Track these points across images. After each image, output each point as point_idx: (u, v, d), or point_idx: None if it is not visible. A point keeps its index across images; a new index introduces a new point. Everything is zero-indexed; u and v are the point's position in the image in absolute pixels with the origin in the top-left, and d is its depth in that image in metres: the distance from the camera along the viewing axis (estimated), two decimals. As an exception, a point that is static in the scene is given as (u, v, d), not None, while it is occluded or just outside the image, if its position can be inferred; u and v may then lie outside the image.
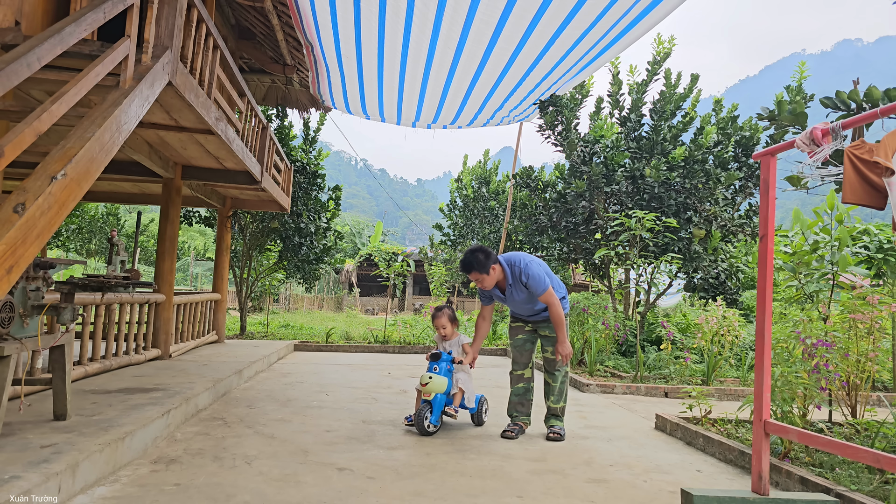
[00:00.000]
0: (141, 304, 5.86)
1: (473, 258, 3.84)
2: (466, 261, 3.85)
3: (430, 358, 4.17)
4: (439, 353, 4.14)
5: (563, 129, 8.59)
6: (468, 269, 3.85)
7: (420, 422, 3.91)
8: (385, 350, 9.65)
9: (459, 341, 4.37)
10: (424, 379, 3.97)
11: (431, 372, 4.02)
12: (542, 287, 3.89)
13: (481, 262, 3.83)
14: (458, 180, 18.02)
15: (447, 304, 4.46)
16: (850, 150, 2.47)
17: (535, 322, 4.19)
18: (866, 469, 3.14)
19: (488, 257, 3.85)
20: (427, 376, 3.97)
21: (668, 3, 5.35)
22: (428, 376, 3.96)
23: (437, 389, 3.94)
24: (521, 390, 4.21)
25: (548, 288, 3.91)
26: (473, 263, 3.83)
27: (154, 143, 5.66)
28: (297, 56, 7.92)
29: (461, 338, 4.39)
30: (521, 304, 4.07)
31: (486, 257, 3.84)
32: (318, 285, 28.60)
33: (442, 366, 4.08)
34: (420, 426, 3.92)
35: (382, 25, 6.01)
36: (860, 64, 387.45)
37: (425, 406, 3.98)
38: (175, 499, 2.61)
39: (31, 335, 3.04)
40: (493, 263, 3.87)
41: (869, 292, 4.24)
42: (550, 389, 4.15)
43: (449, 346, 4.33)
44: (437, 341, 4.44)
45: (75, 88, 2.78)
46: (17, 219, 2.21)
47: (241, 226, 9.96)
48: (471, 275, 3.86)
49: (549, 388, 4.16)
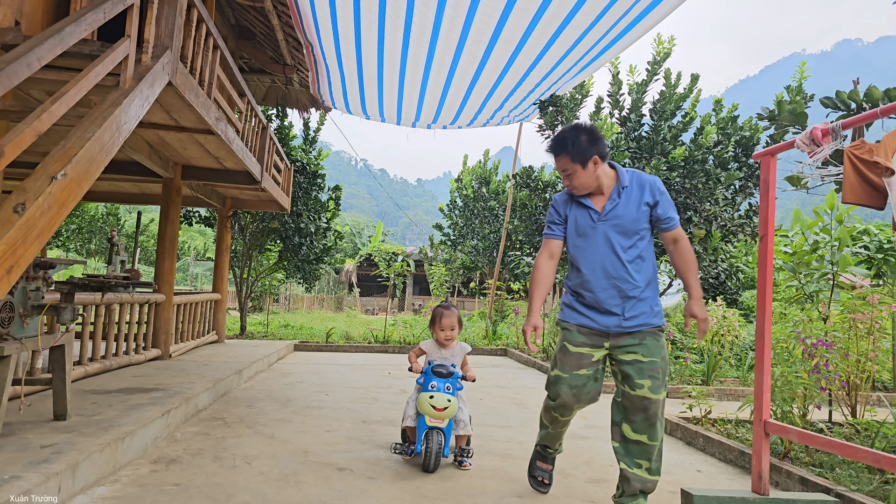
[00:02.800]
0: (141, 304, 5.86)
1: (572, 135, 2.49)
2: (561, 138, 2.52)
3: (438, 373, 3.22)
4: (444, 366, 3.24)
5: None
6: (560, 149, 2.52)
7: (434, 456, 3.09)
8: (385, 350, 9.65)
9: (462, 350, 3.46)
10: (442, 402, 3.10)
11: (444, 392, 3.15)
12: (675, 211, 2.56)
13: (582, 145, 2.47)
14: (458, 180, 18.02)
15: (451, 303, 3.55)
16: (850, 150, 2.47)
17: (620, 333, 2.49)
18: (866, 469, 3.14)
19: (594, 143, 2.48)
20: (446, 399, 3.11)
21: (667, 4, 5.35)
22: (447, 399, 3.11)
23: (452, 414, 3.16)
24: (561, 433, 2.80)
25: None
26: (569, 143, 2.48)
27: (154, 143, 5.66)
28: (297, 56, 7.92)
29: (463, 346, 3.48)
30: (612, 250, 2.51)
31: (592, 142, 2.47)
32: (318, 285, 28.61)
33: (453, 385, 3.22)
34: (433, 461, 3.10)
35: (382, 25, 6.01)
36: (860, 64, 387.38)
37: (437, 435, 3.14)
38: (175, 499, 2.61)
39: (31, 335, 3.04)
40: (597, 154, 2.48)
41: (869, 292, 4.24)
42: (646, 451, 2.45)
43: (450, 355, 3.41)
44: (427, 349, 3.45)
45: (75, 88, 2.78)
46: (17, 219, 2.21)
47: (241, 226, 9.96)
48: (559, 159, 2.53)
49: (643, 450, 2.45)
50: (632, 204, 2.52)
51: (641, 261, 2.52)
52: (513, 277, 14.65)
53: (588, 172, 2.50)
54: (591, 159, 2.48)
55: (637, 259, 2.51)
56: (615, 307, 2.49)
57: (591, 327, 2.53)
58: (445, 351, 3.41)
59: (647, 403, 2.41)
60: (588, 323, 2.54)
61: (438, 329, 3.37)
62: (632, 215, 2.50)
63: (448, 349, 3.41)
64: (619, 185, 2.53)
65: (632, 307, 2.48)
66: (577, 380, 2.52)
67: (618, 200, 2.52)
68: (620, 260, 2.49)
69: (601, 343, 2.52)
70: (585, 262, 2.55)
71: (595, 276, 2.52)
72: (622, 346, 2.48)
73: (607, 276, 2.50)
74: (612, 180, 2.56)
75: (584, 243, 2.57)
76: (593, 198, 2.58)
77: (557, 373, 2.57)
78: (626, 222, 2.50)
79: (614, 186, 2.55)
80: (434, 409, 3.09)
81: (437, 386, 3.16)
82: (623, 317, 2.48)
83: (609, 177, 2.56)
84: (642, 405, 2.42)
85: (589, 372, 2.52)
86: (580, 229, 2.59)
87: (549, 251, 2.68)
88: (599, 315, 2.51)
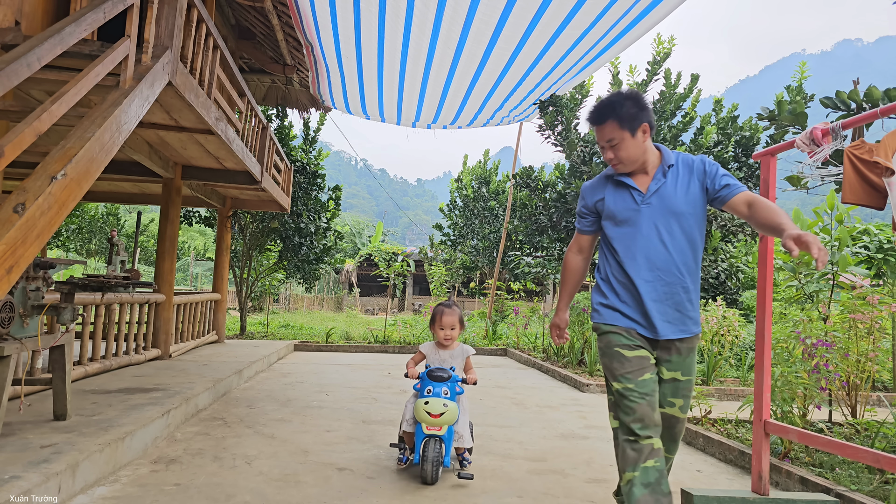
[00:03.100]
0: (141, 304, 5.86)
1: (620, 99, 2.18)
2: (608, 102, 2.19)
3: (434, 377, 3.01)
4: (442, 369, 3.04)
5: (562, 129, 8.59)
6: (606, 113, 2.18)
7: (432, 467, 2.88)
8: (385, 350, 9.65)
9: (463, 353, 3.24)
10: (438, 407, 2.90)
11: (441, 396, 2.96)
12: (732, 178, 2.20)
13: (630, 112, 2.15)
14: (458, 180, 18.04)
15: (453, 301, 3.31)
16: (849, 150, 2.47)
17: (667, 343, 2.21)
18: (866, 469, 3.14)
19: (644, 109, 2.18)
20: (441, 403, 2.91)
21: (667, 3, 5.35)
22: (442, 403, 2.91)
23: (451, 421, 2.94)
24: (652, 477, 2.06)
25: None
26: (617, 107, 2.16)
27: (154, 143, 5.66)
28: (297, 56, 7.92)
29: (464, 348, 3.26)
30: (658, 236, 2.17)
31: (641, 107, 2.17)
32: (318, 285, 28.62)
33: (452, 390, 3.01)
34: (432, 472, 2.89)
35: (382, 25, 6.01)
36: (860, 64, 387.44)
37: (436, 444, 2.93)
38: (175, 499, 2.61)
39: (31, 335, 3.04)
40: (646, 122, 2.18)
41: (869, 292, 4.24)
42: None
43: (449, 357, 3.20)
44: (426, 352, 3.25)
45: (75, 88, 2.78)
46: (17, 219, 2.21)
47: (241, 226, 9.97)
48: (604, 127, 2.19)
49: None
50: (680, 185, 2.19)
51: (689, 253, 2.19)
52: (513, 277, 14.65)
53: (637, 142, 2.17)
54: (640, 127, 2.17)
55: (685, 250, 2.18)
56: (659, 307, 2.16)
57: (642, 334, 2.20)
58: (445, 352, 3.20)
59: (673, 422, 2.26)
60: (638, 327, 2.20)
61: (438, 328, 3.19)
62: (680, 198, 2.17)
63: (448, 350, 3.21)
64: (665, 164, 2.22)
65: (677, 308, 2.17)
66: (646, 386, 2.12)
67: (664, 180, 2.19)
68: (667, 248, 2.15)
69: (651, 349, 2.22)
70: (626, 252, 2.20)
71: (637, 268, 2.17)
72: (665, 361, 2.22)
73: (651, 268, 2.16)
74: (657, 158, 2.25)
75: (625, 229, 2.21)
76: (636, 177, 2.24)
77: (622, 385, 2.13)
78: (674, 205, 2.16)
79: (659, 165, 2.23)
80: (430, 416, 2.88)
81: (434, 390, 2.97)
82: (672, 321, 2.17)
83: (654, 154, 2.25)
84: (668, 423, 2.26)
85: (652, 375, 2.16)
86: (619, 213, 2.23)
87: (577, 246, 2.43)
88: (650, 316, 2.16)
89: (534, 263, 13.69)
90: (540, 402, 5.49)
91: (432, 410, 2.89)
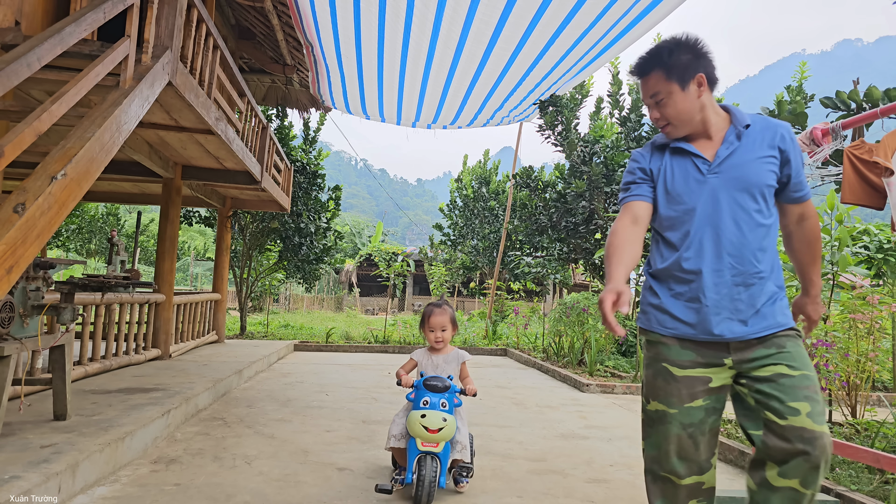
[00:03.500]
0: (141, 304, 5.87)
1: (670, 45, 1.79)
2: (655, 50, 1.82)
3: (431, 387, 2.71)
4: (440, 378, 2.74)
5: (563, 129, 8.59)
6: (652, 62, 1.82)
7: (425, 487, 2.56)
8: (385, 350, 9.65)
9: (458, 357, 2.93)
10: (436, 422, 2.59)
11: (439, 408, 2.65)
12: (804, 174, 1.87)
13: (680, 60, 1.77)
14: (458, 180, 18.06)
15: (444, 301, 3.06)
16: (849, 150, 2.47)
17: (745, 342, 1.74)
18: (866, 469, 3.14)
19: (699, 57, 1.79)
20: (441, 417, 2.60)
21: (668, 3, 5.35)
22: (442, 418, 2.60)
23: (449, 437, 2.64)
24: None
25: None
26: (665, 54, 1.79)
27: (154, 143, 5.67)
28: (297, 56, 7.93)
29: (459, 353, 2.95)
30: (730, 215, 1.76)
31: (695, 57, 1.78)
32: (318, 285, 28.63)
33: (450, 402, 2.71)
34: (427, 495, 2.57)
35: (382, 25, 6.01)
36: (860, 64, 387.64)
37: (432, 462, 2.61)
38: (175, 499, 2.61)
39: (31, 335, 3.04)
40: (703, 72, 1.78)
41: (869, 292, 4.24)
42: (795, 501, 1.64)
43: (444, 363, 2.90)
44: (418, 358, 2.96)
45: (75, 88, 2.78)
46: (17, 219, 2.22)
47: (241, 226, 9.97)
48: (649, 79, 1.82)
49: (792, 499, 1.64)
50: (756, 152, 1.77)
51: (767, 235, 1.76)
52: (513, 277, 14.66)
53: (689, 97, 1.78)
54: (693, 78, 1.77)
55: (762, 231, 1.75)
56: (732, 302, 1.73)
57: (698, 339, 1.76)
58: (438, 357, 2.91)
59: (808, 436, 1.57)
60: (691, 332, 1.76)
61: (428, 329, 2.91)
62: (756, 167, 1.75)
63: (441, 355, 2.92)
64: (739, 125, 1.80)
65: (757, 302, 1.73)
66: (692, 415, 1.75)
67: (737, 144, 1.78)
68: (741, 230, 1.74)
69: (719, 359, 1.75)
70: (685, 236, 1.79)
71: (701, 254, 1.76)
72: (753, 360, 1.72)
73: (720, 254, 1.74)
74: (725, 121, 1.84)
75: (685, 207, 1.79)
76: (697, 142, 1.84)
77: (659, 406, 1.79)
78: (749, 175, 1.75)
79: (729, 127, 1.82)
80: (426, 431, 2.58)
81: (431, 402, 2.65)
82: (745, 317, 1.73)
83: (720, 115, 1.85)
84: (801, 439, 1.58)
85: (706, 402, 1.75)
86: (678, 187, 1.81)
87: (631, 216, 1.85)
88: (708, 315, 1.74)
89: (534, 263, 13.69)
90: (540, 402, 5.49)
91: (430, 425, 2.58)
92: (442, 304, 2.95)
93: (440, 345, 2.91)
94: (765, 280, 1.75)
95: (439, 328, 2.88)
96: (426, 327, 2.92)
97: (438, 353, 2.93)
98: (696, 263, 1.76)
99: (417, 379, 2.81)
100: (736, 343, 1.74)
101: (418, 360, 2.95)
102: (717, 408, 1.78)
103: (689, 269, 1.78)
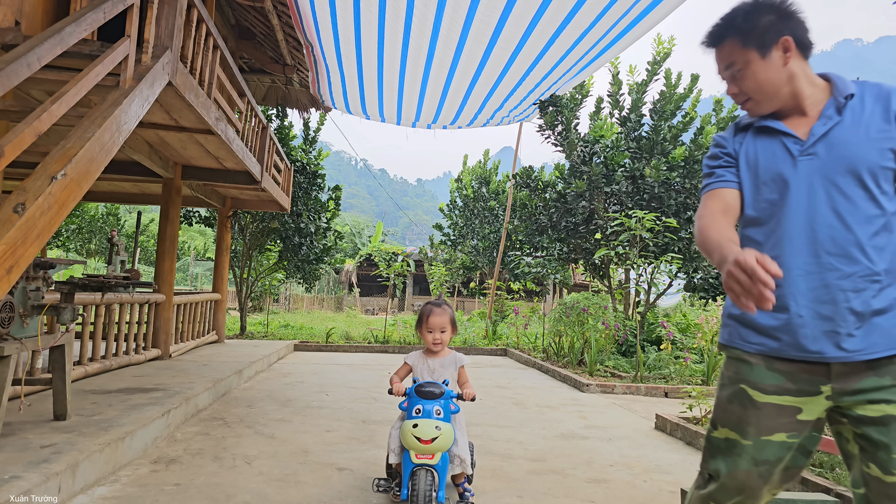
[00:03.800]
0: (141, 304, 5.87)
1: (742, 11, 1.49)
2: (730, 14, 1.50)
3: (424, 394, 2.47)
4: (434, 384, 2.51)
5: (563, 129, 8.59)
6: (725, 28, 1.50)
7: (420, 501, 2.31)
8: (385, 350, 9.65)
9: (456, 361, 2.71)
10: (429, 431, 2.36)
11: (432, 416, 2.41)
12: None
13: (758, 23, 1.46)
14: (458, 180, 18.06)
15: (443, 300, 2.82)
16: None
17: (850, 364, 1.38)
18: (866, 469, 3.13)
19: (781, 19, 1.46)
20: (434, 426, 2.37)
21: (667, 4, 5.35)
22: (435, 426, 2.37)
23: (445, 447, 2.41)
24: None
25: None
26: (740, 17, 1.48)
27: (154, 143, 5.67)
28: (297, 56, 7.93)
29: (457, 356, 2.73)
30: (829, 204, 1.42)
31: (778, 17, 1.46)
32: (318, 285, 28.63)
33: (445, 408, 2.46)
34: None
35: (382, 25, 6.01)
36: (860, 64, 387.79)
37: (427, 476, 2.36)
38: (175, 499, 2.61)
39: (31, 335, 3.04)
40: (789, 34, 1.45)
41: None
42: None
43: (440, 367, 2.68)
44: (413, 362, 2.73)
45: (75, 88, 2.78)
46: (17, 219, 2.22)
47: (241, 226, 9.97)
48: (722, 49, 1.52)
49: None
50: (864, 125, 1.42)
51: (885, 229, 1.41)
52: (513, 277, 14.66)
53: (771, 66, 1.46)
54: (777, 43, 1.45)
55: (876, 224, 1.40)
56: (834, 312, 1.39)
57: (789, 356, 1.43)
58: (434, 361, 2.68)
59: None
60: (777, 346, 1.44)
61: (426, 330, 2.67)
62: (865, 145, 1.41)
63: (438, 358, 2.69)
64: (839, 96, 1.46)
65: (870, 312, 1.37)
66: (768, 451, 1.45)
67: (837, 119, 1.44)
68: (844, 222, 1.40)
69: (815, 386, 1.42)
70: (773, 231, 1.48)
71: (793, 252, 1.44)
72: (859, 392, 1.37)
73: (817, 252, 1.41)
74: (824, 92, 1.50)
75: (772, 197, 1.48)
76: (789, 120, 1.51)
77: (729, 434, 1.49)
78: (855, 155, 1.41)
79: (829, 99, 1.48)
80: (419, 442, 2.34)
81: (424, 410, 2.42)
82: (852, 330, 1.37)
83: (817, 85, 1.50)
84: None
85: (791, 439, 1.44)
86: (765, 173, 1.50)
87: (721, 205, 1.53)
88: (801, 327, 1.41)
89: (534, 263, 13.70)
90: (540, 402, 5.49)
91: (422, 435, 2.34)
92: (441, 304, 2.74)
93: (438, 347, 2.69)
94: (882, 285, 1.38)
95: (438, 329, 2.65)
96: (423, 328, 2.69)
97: (435, 357, 2.70)
98: (786, 263, 1.44)
99: (410, 386, 2.59)
100: (839, 366, 1.39)
101: (413, 365, 2.72)
102: (804, 446, 1.46)
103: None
